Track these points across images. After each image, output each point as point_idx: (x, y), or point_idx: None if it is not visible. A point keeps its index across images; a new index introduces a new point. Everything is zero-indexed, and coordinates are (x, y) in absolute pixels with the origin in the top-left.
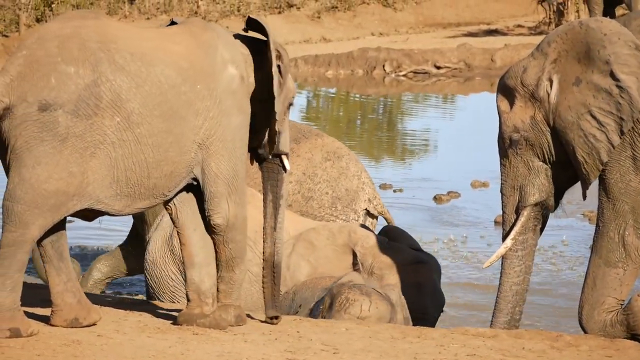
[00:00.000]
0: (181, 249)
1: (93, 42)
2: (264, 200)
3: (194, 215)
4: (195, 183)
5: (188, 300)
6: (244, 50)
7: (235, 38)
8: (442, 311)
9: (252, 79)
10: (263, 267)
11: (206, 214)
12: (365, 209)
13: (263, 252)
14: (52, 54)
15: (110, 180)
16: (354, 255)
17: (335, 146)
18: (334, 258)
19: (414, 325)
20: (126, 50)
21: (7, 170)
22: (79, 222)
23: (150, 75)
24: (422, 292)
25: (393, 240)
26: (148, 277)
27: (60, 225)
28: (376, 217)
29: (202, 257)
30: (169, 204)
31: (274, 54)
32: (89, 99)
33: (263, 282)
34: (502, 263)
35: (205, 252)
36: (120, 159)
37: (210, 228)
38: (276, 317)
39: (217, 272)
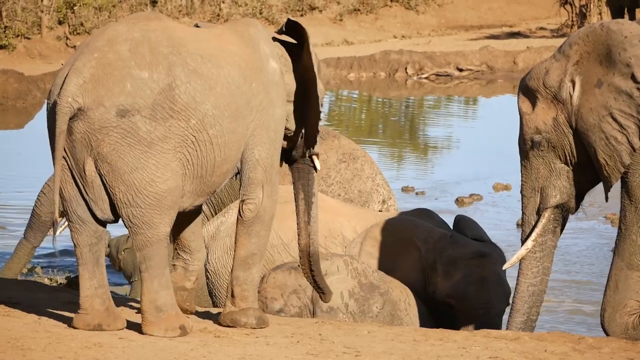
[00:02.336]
0: (176, 241)
1: (163, 46)
2: (296, 198)
3: (190, 215)
4: (235, 178)
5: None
6: (278, 50)
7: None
8: (508, 303)
9: (286, 79)
10: (300, 257)
11: (241, 199)
12: (380, 211)
13: (299, 244)
14: (124, 58)
15: (186, 179)
16: (418, 250)
17: (352, 148)
18: (399, 254)
19: (480, 319)
20: (196, 53)
21: (61, 166)
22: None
23: (220, 76)
24: (486, 286)
25: (460, 230)
26: (212, 287)
27: (101, 230)
28: None
29: (195, 245)
30: None
31: (314, 58)
32: (164, 103)
33: (303, 273)
34: (520, 264)
35: (198, 240)
36: (195, 159)
37: (239, 216)
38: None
39: (232, 271)
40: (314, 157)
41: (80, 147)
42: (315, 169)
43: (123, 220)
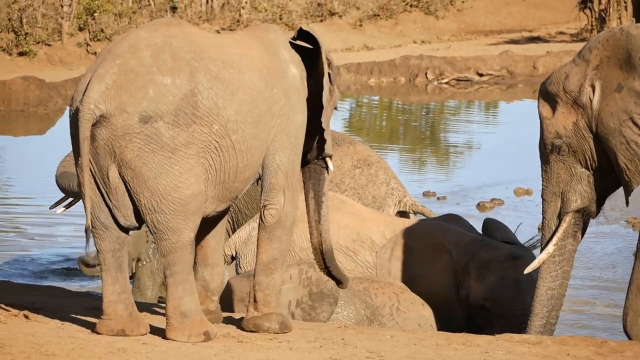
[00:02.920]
0: (197, 249)
1: (185, 52)
2: (306, 198)
3: (213, 221)
4: (256, 184)
5: None
6: (296, 57)
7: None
8: None
9: (305, 84)
10: (313, 255)
11: (262, 204)
12: (400, 211)
13: (311, 243)
14: (146, 64)
15: (208, 184)
16: (449, 254)
17: (367, 154)
18: (430, 258)
19: (515, 321)
20: (218, 59)
21: (87, 172)
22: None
23: (242, 82)
24: (521, 288)
25: (489, 233)
26: None
27: (123, 236)
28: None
29: (214, 259)
30: None
31: (325, 64)
32: (186, 109)
33: (319, 268)
34: (539, 268)
35: (218, 255)
36: (218, 164)
37: (261, 222)
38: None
39: (254, 277)
40: (328, 159)
41: (103, 154)
42: (327, 170)
43: (147, 227)
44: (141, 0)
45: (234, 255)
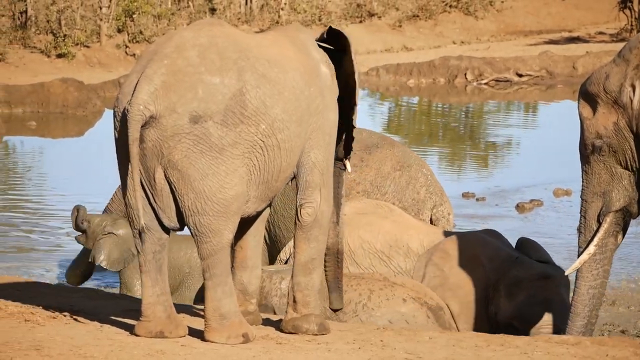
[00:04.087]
0: (236, 250)
1: (231, 51)
2: None
3: (254, 221)
4: (289, 183)
5: None
6: (325, 56)
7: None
8: None
9: (335, 83)
10: (326, 254)
11: (298, 203)
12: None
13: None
14: (194, 63)
15: (251, 184)
16: (482, 267)
17: (406, 156)
18: (463, 269)
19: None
20: (263, 58)
21: (129, 174)
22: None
23: (286, 81)
24: (551, 308)
25: (524, 251)
26: None
27: (165, 238)
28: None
29: (253, 262)
30: None
31: (356, 67)
32: (234, 108)
33: (326, 268)
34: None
35: (257, 256)
36: (262, 164)
37: (297, 221)
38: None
39: (293, 277)
40: (345, 160)
41: (150, 155)
42: (345, 170)
43: (189, 228)
44: (180, 2)
45: (288, 259)
